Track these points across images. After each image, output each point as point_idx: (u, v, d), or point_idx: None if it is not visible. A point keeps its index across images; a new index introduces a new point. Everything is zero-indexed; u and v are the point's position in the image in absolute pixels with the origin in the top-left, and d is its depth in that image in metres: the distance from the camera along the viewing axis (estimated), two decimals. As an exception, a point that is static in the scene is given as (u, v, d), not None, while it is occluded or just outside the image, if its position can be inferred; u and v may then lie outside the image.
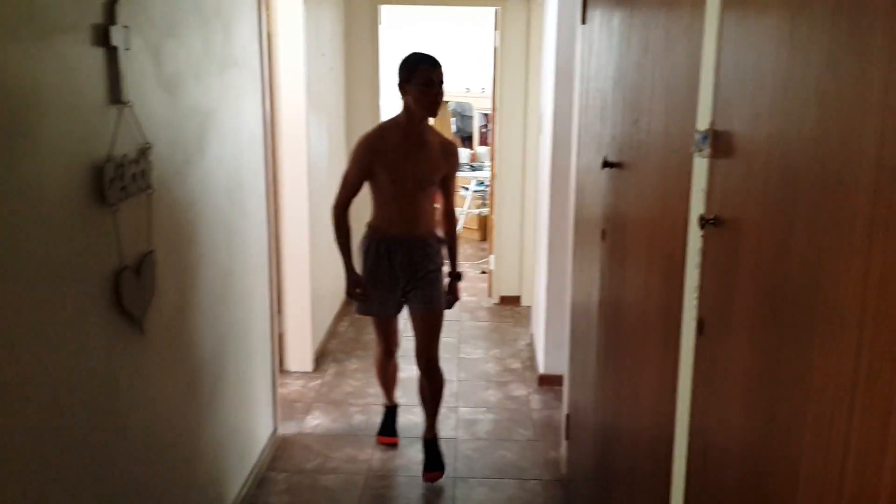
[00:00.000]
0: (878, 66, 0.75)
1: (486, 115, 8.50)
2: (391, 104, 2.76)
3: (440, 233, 3.14)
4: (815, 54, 0.91)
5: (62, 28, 1.53)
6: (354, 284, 3.02)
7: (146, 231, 1.93)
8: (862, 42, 0.79)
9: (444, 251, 3.13)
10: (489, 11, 5.53)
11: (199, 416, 2.41)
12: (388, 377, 3.38)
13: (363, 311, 3.12)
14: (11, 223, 1.38)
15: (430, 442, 3.17)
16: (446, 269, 3.13)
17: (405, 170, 2.86)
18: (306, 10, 3.84)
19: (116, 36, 1.71)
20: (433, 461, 3.11)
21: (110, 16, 1.70)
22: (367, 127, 5.04)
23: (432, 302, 3.02)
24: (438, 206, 3.27)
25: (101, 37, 1.68)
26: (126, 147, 1.80)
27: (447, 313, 3.13)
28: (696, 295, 1.33)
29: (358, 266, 3.03)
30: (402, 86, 2.82)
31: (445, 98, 3.07)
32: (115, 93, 1.74)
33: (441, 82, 2.81)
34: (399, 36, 6.27)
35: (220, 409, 2.59)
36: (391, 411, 3.46)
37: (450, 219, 3.15)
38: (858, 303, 0.78)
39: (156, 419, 2.05)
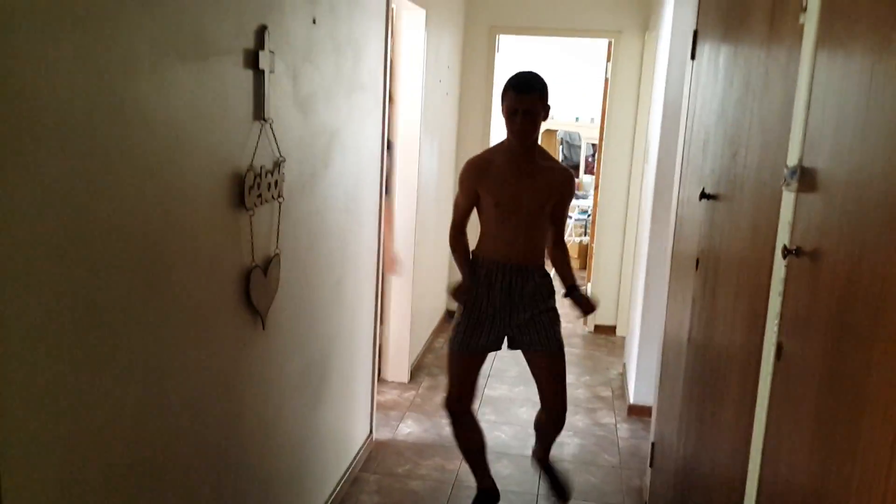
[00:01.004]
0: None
1: (593, 144, 8.56)
2: (502, 129, 2.77)
3: (550, 268, 2.91)
4: (889, 98, 0.99)
5: (221, 51, 1.77)
6: (466, 289, 2.81)
7: (275, 235, 2.16)
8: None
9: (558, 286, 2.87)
10: (603, 42, 5.63)
11: (305, 412, 2.61)
12: (471, 443, 2.92)
13: (451, 343, 2.84)
14: (176, 220, 1.62)
15: (549, 465, 3.04)
16: (560, 290, 2.88)
17: (509, 194, 2.70)
18: (427, 38, 4.07)
19: (264, 60, 1.95)
20: (560, 484, 3.00)
21: (260, 42, 1.94)
22: (476, 150, 5.29)
23: (551, 341, 2.75)
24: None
25: (252, 60, 1.92)
26: (264, 159, 2.03)
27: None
28: (776, 322, 1.40)
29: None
30: (502, 110, 2.70)
31: (553, 126, 3.08)
32: (258, 110, 1.98)
33: (528, 111, 2.59)
34: (515, 64, 6.45)
35: (323, 407, 2.80)
36: (486, 497, 2.97)
37: (559, 245, 2.91)
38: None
39: (267, 409, 2.26)
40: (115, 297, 1.43)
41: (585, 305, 2.85)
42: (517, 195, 2.70)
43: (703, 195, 2.17)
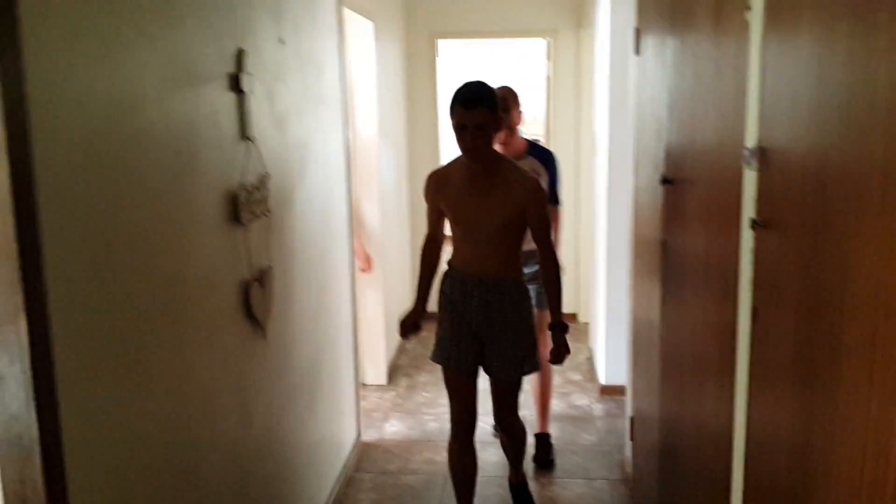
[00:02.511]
0: (882, 90, 1.00)
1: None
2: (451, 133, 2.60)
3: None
4: (837, 81, 1.16)
5: (209, 77, 1.86)
6: (410, 319, 2.74)
7: (266, 249, 2.25)
8: (869, 70, 1.04)
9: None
10: (542, 42, 5.82)
11: (302, 418, 2.70)
12: (461, 471, 2.77)
13: (434, 356, 2.74)
14: (183, 238, 1.70)
15: (519, 486, 3.06)
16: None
17: (466, 213, 2.56)
18: (377, 49, 4.19)
19: (245, 82, 2.04)
20: None
21: (240, 65, 2.04)
22: (427, 155, 5.45)
23: (508, 364, 2.62)
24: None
25: (234, 83, 2.01)
26: (251, 176, 2.12)
27: None
28: (750, 287, 1.57)
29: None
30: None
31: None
32: (243, 130, 2.07)
33: (479, 126, 2.39)
34: (457, 68, 6.60)
35: (316, 412, 2.88)
36: None
37: (546, 262, 2.65)
38: (873, 290, 1.02)
39: (272, 414, 2.35)
40: (140, 316, 1.51)
41: (556, 353, 2.67)
42: (475, 213, 2.55)
43: (664, 180, 2.35)
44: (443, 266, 2.79)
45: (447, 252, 2.77)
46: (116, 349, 1.42)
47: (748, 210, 1.57)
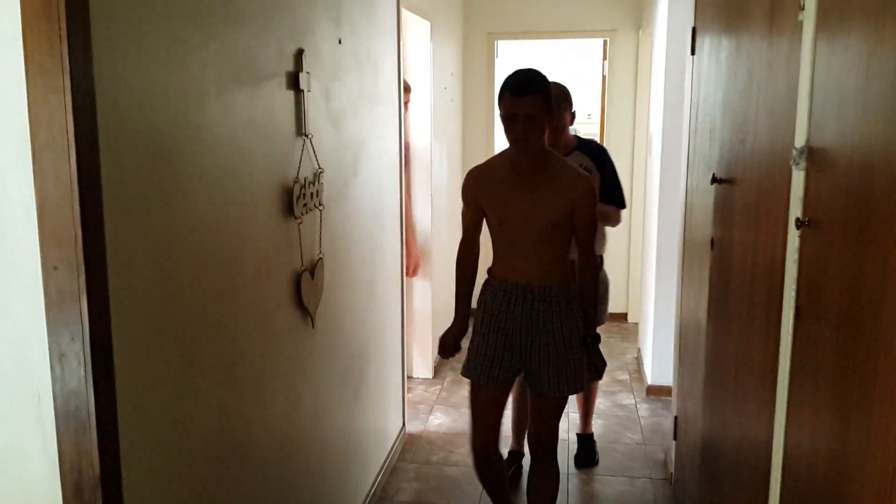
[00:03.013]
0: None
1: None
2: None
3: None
4: (885, 81, 1.15)
5: (268, 75, 1.94)
6: (451, 338, 2.58)
7: (318, 241, 2.32)
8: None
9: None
10: (598, 41, 5.80)
11: (348, 406, 2.77)
12: (492, 483, 2.61)
13: (465, 370, 2.52)
14: (240, 229, 1.78)
15: None
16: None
17: (512, 211, 2.39)
18: (433, 48, 4.24)
19: (303, 80, 2.12)
20: None
21: (299, 64, 2.11)
22: (481, 156, 5.47)
23: (558, 376, 2.41)
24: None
25: (293, 81, 2.08)
26: (307, 171, 2.19)
27: None
28: (794, 287, 1.56)
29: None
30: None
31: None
32: (300, 126, 2.14)
33: (529, 115, 2.24)
34: (511, 65, 6.62)
35: (362, 401, 2.95)
36: None
37: (586, 269, 2.47)
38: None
39: (318, 402, 2.42)
40: (196, 301, 1.59)
41: (595, 368, 2.47)
42: (521, 212, 2.37)
43: (715, 180, 2.34)
44: (482, 275, 2.62)
45: (485, 261, 2.58)
46: (171, 332, 1.50)
47: (795, 209, 1.57)
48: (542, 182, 2.37)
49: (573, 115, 3.29)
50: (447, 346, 2.59)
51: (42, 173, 1.17)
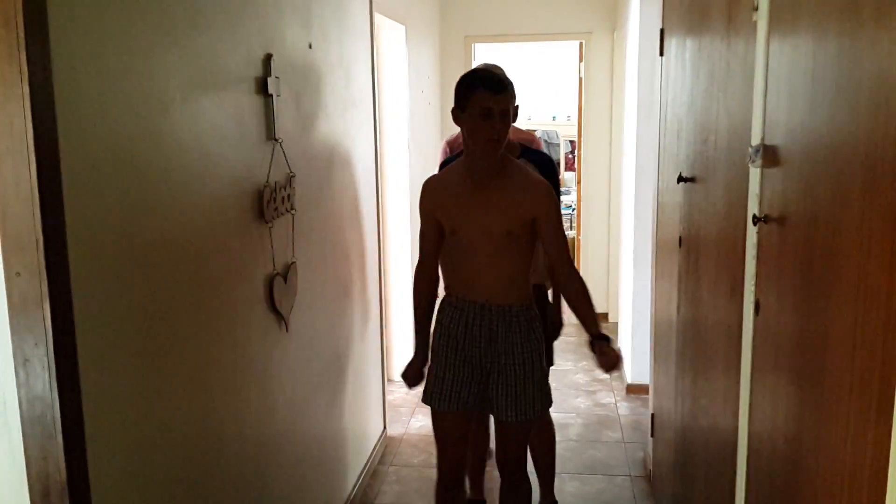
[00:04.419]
0: (864, 105, 1.03)
1: (571, 141, 8.82)
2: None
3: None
4: (828, 79, 1.19)
5: (236, 80, 1.95)
6: (414, 369, 2.45)
7: (290, 245, 2.33)
8: (854, 76, 1.07)
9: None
10: (574, 43, 5.85)
11: (325, 409, 2.78)
12: None
13: (425, 397, 2.40)
14: (209, 234, 1.80)
15: None
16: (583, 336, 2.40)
17: (467, 220, 2.25)
18: (408, 52, 4.27)
19: (272, 85, 2.13)
20: None
21: (267, 69, 2.12)
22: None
23: (517, 401, 2.29)
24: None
25: (261, 86, 2.10)
26: (277, 175, 2.20)
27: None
28: (753, 281, 1.59)
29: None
30: (457, 113, 2.21)
31: (531, 126, 2.63)
32: (270, 131, 2.15)
33: (505, 111, 2.13)
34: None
35: (341, 404, 2.97)
36: None
37: (566, 280, 2.32)
38: (855, 283, 1.05)
39: (294, 406, 2.43)
40: (164, 306, 1.60)
41: (608, 362, 2.29)
42: (475, 221, 2.24)
43: (681, 178, 2.38)
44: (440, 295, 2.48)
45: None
46: (139, 337, 1.51)
47: (753, 206, 1.60)
48: (498, 188, 2.22)
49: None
50: (410, 378, 2.47)
51: (3, 180, 1.18)
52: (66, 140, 1.26)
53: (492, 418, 2.57)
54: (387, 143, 4.26)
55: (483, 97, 2.12)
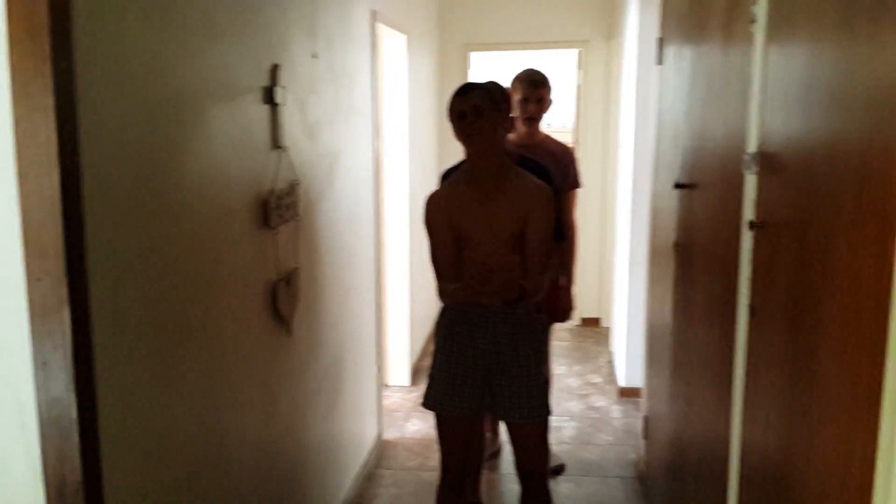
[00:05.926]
0: (857, 113, 1.09)
1: (566, 148, 8.88)
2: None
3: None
4: (823, 88, 1.24)
5: (244, 90, 1.99)
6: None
7: (294, 251, 2.37)
8: (849, 85, 1.13)
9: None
10: (572, 52, 5.91)
11: (325, 413, 2.82)
12: None
13: (426, 401, 2.43)
14: (218, 239, 1.83)
15: None
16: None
17: (471, 222, 2.30)
18: (409, 62, 4.32)
19: (278, 95, 2.17)
20: None
21: (274, 79, 2.17)
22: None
23: (523, 402, 2.29)
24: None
25: (268, 96, 2.14)
26: (282, 183, 2.25)
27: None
28: (748, 286, 1.64)
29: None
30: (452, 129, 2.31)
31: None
32: (276, 139, 2.20)
33: (477, 108, 2.21)
34: (486, 77, 6.71)
35: (339, 408, 3.00)
36: None
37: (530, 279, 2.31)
38: (848, 289, 1.09)
39: (296, 409, 2.47)
40: (174, 311, 1.64)
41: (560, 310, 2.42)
42: (480, 225, 2.29)
43: (677, 185, 2.43)
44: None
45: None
46: (152, 341, 1.55)
47: (748, 212, 1.65)
48: (502, 192, 2.28)
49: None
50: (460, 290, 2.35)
51: (27, 188, 1.22)
52: (88, 150, 1.29)
53: (502, 426, 2.57)
54: (386, 150, 4.31)
55: (454, 102, 2.27)
